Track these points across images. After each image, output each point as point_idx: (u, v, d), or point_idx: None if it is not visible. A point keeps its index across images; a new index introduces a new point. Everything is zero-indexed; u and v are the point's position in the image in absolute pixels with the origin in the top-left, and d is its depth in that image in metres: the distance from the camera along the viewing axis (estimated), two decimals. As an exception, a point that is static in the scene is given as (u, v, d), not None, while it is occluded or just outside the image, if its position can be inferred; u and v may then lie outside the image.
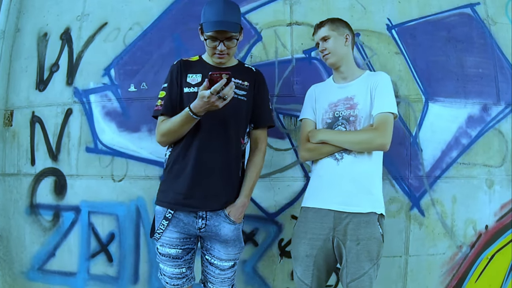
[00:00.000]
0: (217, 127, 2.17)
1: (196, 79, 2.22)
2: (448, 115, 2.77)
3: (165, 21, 2.79)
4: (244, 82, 2.26)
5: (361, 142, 2.16)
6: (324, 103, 2.32)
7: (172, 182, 2.19)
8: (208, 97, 1.99)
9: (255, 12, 2.78)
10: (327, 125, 2.28)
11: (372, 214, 2.16)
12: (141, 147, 2.74)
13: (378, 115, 2.17)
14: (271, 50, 2.75)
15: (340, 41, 2.28)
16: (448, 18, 2.83)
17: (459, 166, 2.77)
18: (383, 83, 2.22)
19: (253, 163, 2.28)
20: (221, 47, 2.16)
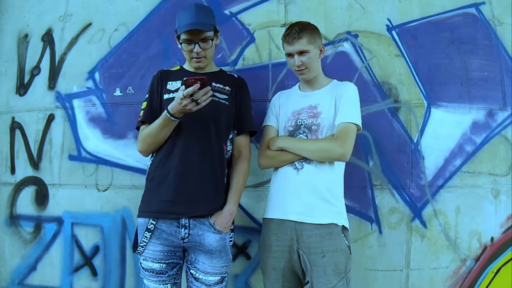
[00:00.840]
0: (198, 130, 2.25)
1: (176, 85, 2.32)
2: (452, 121, 2.79)
3: (152, 21, 2.81)
4: (225, 87, 2.35)
5: (320, 150, 2.22)
6: (287, 111, 2.38)
7: (155, 191, 2.24)
8: (181, 99, 2.08)
9: (248, 12, 2.79)
10: (289, 133, 2.35)
11: (333, 225, 2.20)
12: (127, 154, 2.76)
13: (340, 125, 2.23)
14: (265, 52, 2.77)
15: (316, 55, 2.32)
16: (451, 19, 2.84)
17: (463, 174, 2.79)
18: (348, 93, 2.28)
19: (239, 169, 2.35)
20: (196, 49, 2.25)
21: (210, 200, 2.25)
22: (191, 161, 2.22)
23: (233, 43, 2.77)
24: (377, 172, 2.73)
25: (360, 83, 2.70)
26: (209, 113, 2.23)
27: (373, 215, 2.72)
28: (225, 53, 2.77)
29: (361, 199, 2.72)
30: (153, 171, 2.27)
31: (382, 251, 2.69)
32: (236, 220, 2.54)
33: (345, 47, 2.78)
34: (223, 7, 2.80)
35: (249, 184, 2.66)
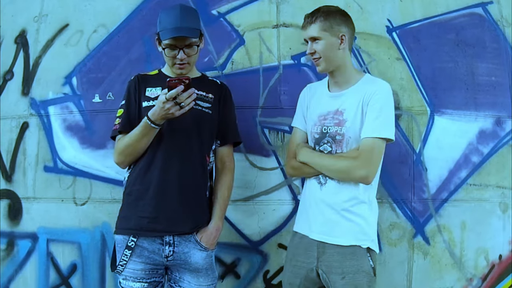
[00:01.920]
0: (180, 140, 2.25)
1: (156, 92, 2.31)
2: (457, 129, 2.80)
3: (134, 22, 2.82)
4: (208, 95, 2.36)
5: (339, 171, 2.17)
6: (314, 113, 2.33)
7: (133, 206, 2.25)
8: (164, 103, 2.08)
9: (237, 13, 2.80)
10: (314, 141, 2.31)
11: (357, 247, 2.18)
12: (107, 166, 2.77)
13: (365, 140, 2.15)
14: (255, 55, 2.78)
15: (334, 44, 2.20)
16: (456, 19, 2.85)
17: (469, 187, 2.80)
18: (378, 97, 2.15)
19: (223, 182, 2.37)
20: (181, 55, 2.25)
21: (194, 215, 2.27)
22: (173, 174, 2.23)
23: (221, 45, 2.78)
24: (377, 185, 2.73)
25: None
26: (192, 122, 2.25)
27: (372, 230, 2.72)
28: (212, 56, 2.78)
29: (360, 213, 2.72)
30: (131, 185, 2.27)
31: (382, 270, 2.69)
32: (224, 236, 2.58)
33: (342, 50, 2.79)
34: (210, 7, 2.80)
35: (238, 197, 2.70)
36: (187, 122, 2.22)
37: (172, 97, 2.06)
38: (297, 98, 2.51)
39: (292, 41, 2.78)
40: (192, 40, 2.24)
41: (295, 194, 2.72)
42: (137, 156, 2.27)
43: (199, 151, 2.30)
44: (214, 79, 2.48)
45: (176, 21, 2.22)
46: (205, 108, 2.32)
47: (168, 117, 2.13)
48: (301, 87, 2.63)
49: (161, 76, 2.37)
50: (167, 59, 2.30)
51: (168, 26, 2.22)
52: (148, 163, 2.25)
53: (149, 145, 2.24)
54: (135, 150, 2.25)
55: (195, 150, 2.28)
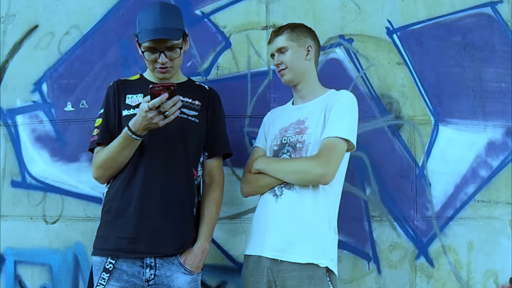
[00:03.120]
0: (163, 152, 2.25)
1: (137, 99, 2.31)
2: (463, 140, 2.81)
3: (110, 23, 2.82)
4: (195, 101, 2.36)
5: (297, 171, 2.22)
6: (275, 129, 2.42)
7: (112, 225, 2.24)
8: (146, 112, 2.07)
9: (223, 13, 2.80)
10: (273, 153, 2.37)
11: (314, 266, 2.17)
12: (80, 180, 2.77)
13: (325, 140, 2.22)
14: (243, 59, 2.79)
15: (300, 54, 2.35)
16: (463, 20, 2.86)
17: (476, 204, 2.81)
18: (340, 103, 2.27)
19: (211, 198, 2.36)
20: (162, 59, 2.24)
21: (179, 235, 2.25)
22: (155, 190, 2.22)
23: (205, 48, 2.79)
24: (375, 201, 2.74)
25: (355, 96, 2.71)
26: (177, 132, 2.24)
27: (371, 251, 2.73)
28: (196, 60, 2.79)
29: (357, 233, 2.73)
30: (110, 202, 2.26)
31: (381, 295, 2.70)
32: (209, 257, 2.55)
33: (338, 54, 2.80)
34: (193, 6, 2.81)
35: (224, 215, 2.69)
36: (172, 132, 2.21)
37: (156, 105, 2.05)
38: None
39: None
40: (174, 42, 2.24)
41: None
42: (117, 170, 2.26)
43: (185, 164, 2.29)
44: (202, 84, 2.48)
45: (155, 21, 2.21)
46: (191, 116, 2.32)
47: (151, 127, 2.12)
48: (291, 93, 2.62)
49: (143, 81, 2.37)
50: (148, 63, 2.30)
51: (147, 27, 2.21)
52: (129, 177, 2.24)
53: (130, 158, 2.24)
54: (115, 163, 2.24)
55: (180, 163, 2.28)
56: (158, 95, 2.04)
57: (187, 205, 2.30)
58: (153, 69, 2.30)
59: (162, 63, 2.25)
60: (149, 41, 2.20)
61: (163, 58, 2.24)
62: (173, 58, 2.27)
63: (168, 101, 2.06)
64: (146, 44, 2.22)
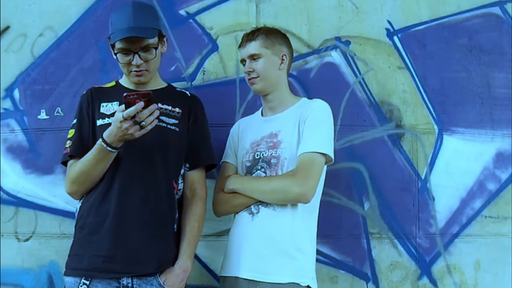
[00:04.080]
0: (141, 164, 2.25)
1: (112, 108, 2.32)
2: (470, 151, 2.82)
3: (87, 24, 2.81)
4: (175, 109, 2.36)
5: (273, 191, 2.24)
6: (246, 142, 2.44)
7: (86, 242, 2.24)
8: (121, 122, 2.06)
9: (209, 13, 2.80)
10: (246, 170, 2.38)
11: (294, 285, 2.19)
12: (55, 194, 2.76)
13: (302, 156, 2.23)
14: (231, 63, 2.78)
15: (273, 63, 2.37)
16: (469, 21, 2.87)
17: (484, 220, 2.81)
18: (315, 114, 2.28)
19: (193, 213, 2.36)
20: (136, 61, 2.25)
21: (158, 253, 2.25)
22: (133, 204, 2.22)
23: (190, 51, 2.79)
24: (374, 217, 2.74)
25: (352, 103, 2.73)
26: (155, 142, 2.24)
27: (369, 271, 2.73)
28: (180, 64, 2.79)
29: (354, 251, 2.73)
30: (84, 217, 2.26)
31: (381, 318, 2.71)
32: (194, 278, 2.61)
33: (334, 57, 2.80)
34: (177, 6, 2.81)
35: (211, 232, 2.70)
36: (150, 143, 2.21)
37: (131, 115, 2.04)
38: None
39: None
40: (149, 42, 2.24)
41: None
42: (92, 184, 2.26)
43: (164, 177, 2.29)
44: (183, 90, 2.49)
45: (127, 20, 2.22)
46: (170, 124, 2.32)
47: (126, 138, 2.12)
48: None
49: (119, 88, 2.37)
50: (122, 66, 2.30)
51: (119, 27, 2.23)
52: (104, 191, 2.24)
53: (106, 171, 2.23)
54: (90, 177, 2.24)
55: (159, 175, 2.28)
56: (133, 104, 2.03)
57: (167, 220, 2.30)
58: (128, 73, 2.31)
59: (137, 65, 2.25)
60: (122, 41, 2.21)
61: (138, 60, 2.24)
62: (149, 59, 2.27)
63: (144, 110, 2.05)
64: (119, 45, 2.23)
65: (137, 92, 2.08)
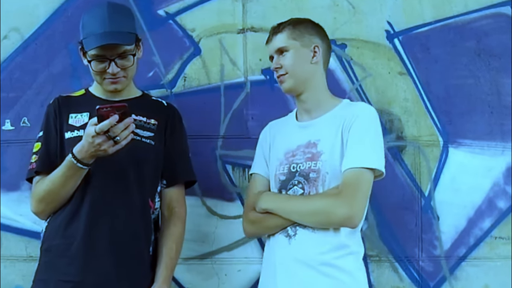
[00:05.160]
0: (113, 181, 2.25)
1: (82, 119, 2.31)
2: (478, 165, 2.80)
3: (56, 26, 2.80)
4: (150, 120, 2.36)
5: (314, 213, 2.15)
6: (279, 151, 2.35)
7: (52, 266, 2.23)
8: (93, 137, 2.05)
9: (191, 13, 2.80)
10: (280, 185, 2.30)
11: None
12: (20, 213, 2.75)
13: (347, 173, 2.15)
14: (215, 69, 2.78)
15: (304, 56, 2.28)
16: (477, 22, 2.85)
17: (494, 241, 2.80)
18: (360, 121, 2.20)
19: (170, 235, 2.36)
20: (113, 69, 2.24)
21: (132, 279, 2.25)
22: (104, 225, 2.22)
23: (170, 55, 2.79)
24: (373, 237, 2.73)
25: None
26: (129, 157, 2.23)
27: (368, 297, 2.74)
28: (158, 69, 2.79)
29: (351, 275, 2.71)
30: (51, 239, 2.26)
31: None
32: (175, 305, 2.59)
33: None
34: (156, 6, 2.81)
35: (194, 254, 2.70)
36: (123, 157, 2.19)
37: (104, 130, 2.03)
38: None
39: (263, 50, 2.67)
40: (127, 48, 2.24)
41: (266, 251, 2.72)
42: (61, 203, 2.25)
43: (139, 195, 2.29)
44: (159, 100, 2.48)
45: (103, 24, 2.21)
46: (146, 137, 2.31)
47: (99, 154, 2.11)
48: (274, 110, 2.67)
49: (89, 97, 2.38)
50: (95, 74, 2.29)
51: (94, 31, 2.21)
52: (73, 211, 2.24)
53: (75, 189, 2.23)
54: (58, 196, 2.23)
55: (134, 193, 2.27)
56: (106, 117, 2.01)
57: (142, 242, 2.30)
58: (101, 81, 2.29)
59: (113, 74, 2.25)
60: (97, 48, 2.20)
61: (114, 68, 2.23)
62: (126, 67, 2.27)
63: (119, 124, 2.03)
64: (93, 52, 2.22)
65: (111, 104, 2.07)
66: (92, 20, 2.24)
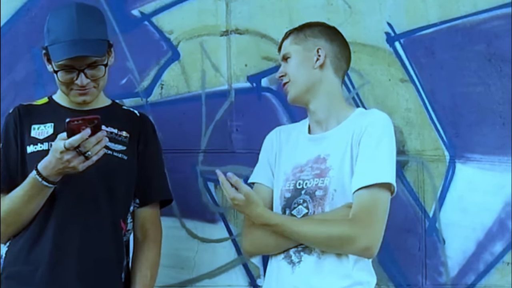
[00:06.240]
0: (82, 201, 2.23)
1: (46, 131, 2.29)
2: (488, 183, 2.78)
3: (19, 27, 2.78)
4: (122, 132, 2.32)
5: (329, 239, 2.10)
6: (287, 165, 2.31)
7: None
8: (62, 153, 2.02)
9: (169, 13, 2.80)
10: (284, 203, 2.27)
11: None
12: (-22, 236, 2.74)
13: (360, 194, 2.10)
14: (195, 75, 2.78)
15: (305, 60, 2.26)
16: (487, 23, 2.83)
17: (505, 267, 2.77)
18: (371, 131, 2.16)
19: (144, 260, 2.35)
20: (82, 81, 2.21)
21: None
22: (71, 250, 2.20)
23: (145, 60, 2.78)
24: (372, 263, 2.54)
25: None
26: (99, 173, 2.20)
27: (368, 329, 2.73)
28: (132, 76, 2.78)
29: (348, 305, 2.72)
30: (12, 265, 2.23)
31: None
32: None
33: (322, 67, 2.80)
34: (130, 5, 2.80)
35: (172, 282, 2.69)
36: (92, 174, 2.16)
37: (75, 145, 2.00)
38: (255, 137, 2.52)
39: (249, 55, 2.78)
40: (98, 58, 2.21)
41: (253, 278, 2.72)
42: (23, 225, 2.23)
43: (110, 216, 2.28)
44: (131, 109, 2.47)
45: (71, 29, 2.18)
46: (117, 151, 2.29)
47: (67, 172, 2.09)
48: (261, 121, 2.71)
49: (53, 106, 2.37)
50: (60, 84, 2.26)
51: (61, 38, 2.19)
52: (36, 234, 2.22)
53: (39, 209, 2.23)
54: (20, 217, 2.21)
55: (104, 214, 2.26)
56: (77, 130, 1.99)
57: (113, 268, 2.29)
58: (68, 91, 2.27)
59: (82, 86, 2.22)
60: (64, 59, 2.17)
61: (83, 79, 2.21)
62: (97, 77, 2.25)
63: (91, 138, 2.01)
64: (61, 62, 2.19)
65: (82, 117, 2.02)
66: (59, 24, 2.22)
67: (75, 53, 2.15)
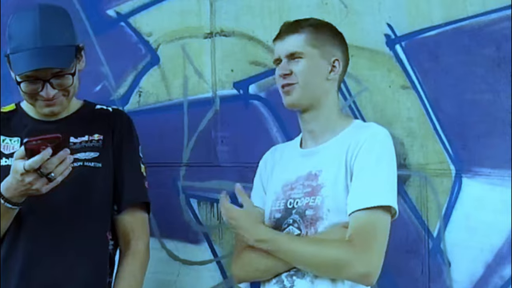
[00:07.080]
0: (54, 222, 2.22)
1: (11, 146, 2.30)
2: (498, 199, 2.71)
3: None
4: (94, 136, 2.34)
5: (325, 264, 2.09)
6: (277, 184, 2.32)
7: None
8: (22, 175, 2.00)
9: (147, 14, 2.81)
10: (274, 223, 2.26)
11: None
12: None
13: (358, 216, 2.09)
14: (177, 81, 2.79)
15: (321, 69, 2.24)
16: (496, 24, 2.76)
17: None
18: (368, 147, 2.15)
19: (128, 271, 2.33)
20: (47, 92, 2.20)
21: None
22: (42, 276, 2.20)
23: (122, 65, 2.80)
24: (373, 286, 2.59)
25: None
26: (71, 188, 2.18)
27: None
28: (108, 82, 2.80)
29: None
30: None
31: None
32: None
33: (316, 72, 2.80)
34: (104, 5, 2.81)
35: None
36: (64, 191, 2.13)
37: (35, 167, 1.97)
38: (243, 149, 2.63)
39: (235, 59, 2.78)
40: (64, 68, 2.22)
41: (240, 303, 2.75)
42: None
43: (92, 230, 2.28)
44: (104, 107, 2.47)
45: (33, 36, 2.17)
46: (89, 160, 2.30)
47: (31, 193, 2.07)
48: (248, 131, 2.76)
49: (20, 115, 2.38)
50: (25, 95, 2.26)
51: (23, 46, 2.17)
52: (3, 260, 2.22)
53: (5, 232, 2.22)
54: None
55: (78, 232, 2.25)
56: (37, 151, 1.96)
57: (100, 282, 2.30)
58: (34, 102, 2.26)
59: (48, 98, 2.20)
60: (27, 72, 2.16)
61: (49, 91, 2.20)
62: (65, 86, 2.23)
63: (53, 159, 1.98)
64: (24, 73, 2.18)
65: (41, 136, 1.98)
66: (21, 29, 2.21)
67: (38, 65, 2.14)
